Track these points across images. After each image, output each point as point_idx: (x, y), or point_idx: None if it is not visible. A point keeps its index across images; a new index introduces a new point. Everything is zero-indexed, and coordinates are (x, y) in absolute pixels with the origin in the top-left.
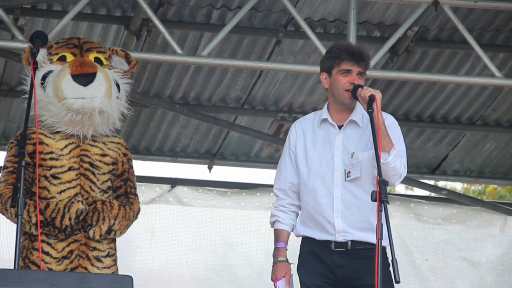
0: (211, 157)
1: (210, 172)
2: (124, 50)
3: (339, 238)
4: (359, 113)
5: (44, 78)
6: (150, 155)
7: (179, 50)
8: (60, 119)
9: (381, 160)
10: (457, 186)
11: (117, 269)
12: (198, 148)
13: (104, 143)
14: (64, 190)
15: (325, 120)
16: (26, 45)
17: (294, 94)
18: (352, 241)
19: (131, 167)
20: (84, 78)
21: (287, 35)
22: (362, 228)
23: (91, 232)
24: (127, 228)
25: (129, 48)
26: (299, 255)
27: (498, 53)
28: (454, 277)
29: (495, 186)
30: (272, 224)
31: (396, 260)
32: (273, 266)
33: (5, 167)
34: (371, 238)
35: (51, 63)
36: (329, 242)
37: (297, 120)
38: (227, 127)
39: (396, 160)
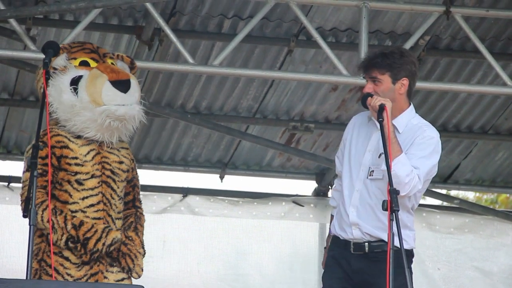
0: (223, 167)
1: (221, 181)
2: (129, 56)
3: (355, 231)
4: (405, 118)
5: (74, 82)
6: (162, 165)
7: (190, 60)
8: (94, 124)
9: (382, 167)
10: (470, 195)
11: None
12: (210, 157)
13: (118, 150)
14: (87, 197)
15: (370, 117)
16: (38, 55)
17: (305, 103)
18: (369, 243)
19: (135, 169)
20: (122, 85)
21: (298, 45)
22: (374, 226)
23: (135, 275)
24: None
25: (141, 58)
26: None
27: (510, 62)
28: (466, 287)
29: (508, 195)
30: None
31: (409, 269)
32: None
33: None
34: (384, 236)
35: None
36: (349, 243)
37: (357, 114)
38: (239, 136)
39: (400, 169)
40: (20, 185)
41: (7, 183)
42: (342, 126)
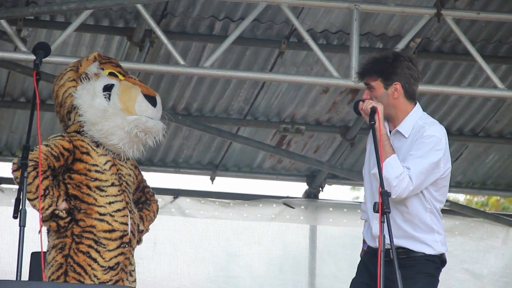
0: (214, 168)
1: (212, 183)
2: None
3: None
4: (410, 121)
5: (106, 89)
6: (153, 166)
7: (181, 61)
8: (120, 132)
9: (372, 171)
10: (460, 197)
11: None
12: (201, 159)
13: (125, 162)
14: (113, 202)
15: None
16: (29, 56)
17: (296, 105)
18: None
19: (141, 173)
20: (152, 99)
21: (289, 47)
22: (396, 236)
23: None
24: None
25: (132, 59)
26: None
27: (500, 64)
28: None
29: (498, 197)
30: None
31: (399, 271)
32: None
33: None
34: (409, 244)
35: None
36: (376, 250)
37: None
38: (230, 138)
39: (388, 171)
40: (10, 186)
41: None
42: (333, 128)
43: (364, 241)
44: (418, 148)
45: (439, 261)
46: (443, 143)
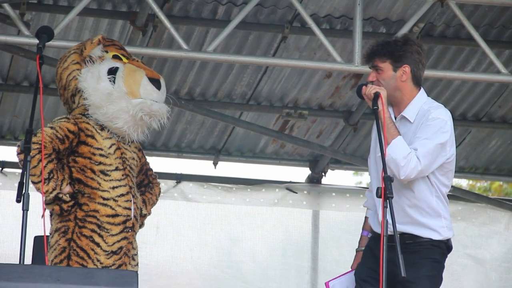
0: (217, 153)
1: (215, 168)
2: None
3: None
4: (415, 106)
5: (110, 72)
6: (156, 151)
7: (184, 46)
8: (125, 115)
9: (377, 154)
10: (463, 183)
11: None
12: (204, 144)
13: (129, 145)
14: (116, 187)
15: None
16: (32, 40)
17: (299, 90)
18: (400, 235)
19: (144, 156)
20: (156, 82)
21: (293, 31)
22: (403, 222)
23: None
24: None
25: (135, 44)
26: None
27: (504, 49)
28: (459, 274)
29: (501, 183)
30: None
31: (402, 256)
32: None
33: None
34: (415, 230)
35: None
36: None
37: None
38: (233, 123)
39: (395, 151)
40: (13, 170)
41: (0, 168)
42: (336, 113)
43: (363, 229)
44: (424, 130)
45: (445, 246)
46: (449, 126)
